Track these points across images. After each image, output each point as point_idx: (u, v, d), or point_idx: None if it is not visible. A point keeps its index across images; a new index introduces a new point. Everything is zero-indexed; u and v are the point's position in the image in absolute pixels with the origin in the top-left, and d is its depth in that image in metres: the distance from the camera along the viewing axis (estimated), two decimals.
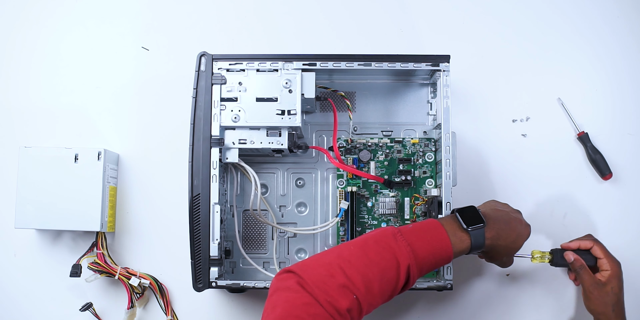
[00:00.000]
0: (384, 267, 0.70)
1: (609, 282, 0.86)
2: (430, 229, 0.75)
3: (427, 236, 0.74)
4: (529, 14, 1.04)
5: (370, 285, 0.69)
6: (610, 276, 0.87)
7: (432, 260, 0.74)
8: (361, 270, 0.69)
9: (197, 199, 0.86)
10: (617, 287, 0.86)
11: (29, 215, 0.94)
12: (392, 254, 0.71)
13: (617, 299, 0.86)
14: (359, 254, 0.70)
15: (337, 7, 1.05)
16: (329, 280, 0.67)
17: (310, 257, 0.73)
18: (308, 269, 0.69)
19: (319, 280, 0.67)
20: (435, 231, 0.75)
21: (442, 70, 0.88)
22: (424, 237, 0.74)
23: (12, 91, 1.04)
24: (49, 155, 0.95)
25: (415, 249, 0.72)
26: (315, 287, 0.67)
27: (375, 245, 0.71)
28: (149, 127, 1.03)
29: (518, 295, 0.99)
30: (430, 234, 0.75)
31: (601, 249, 0.89)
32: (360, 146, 0.96)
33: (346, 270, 0.68)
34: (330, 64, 0.88)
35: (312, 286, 0.67)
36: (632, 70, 1.03)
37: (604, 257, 0.88)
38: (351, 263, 0.69)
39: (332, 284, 0.67)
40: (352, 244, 0.73)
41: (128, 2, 1.05)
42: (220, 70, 0.88)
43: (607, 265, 0.87)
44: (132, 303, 0.97)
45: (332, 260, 0.70)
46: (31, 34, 1.05)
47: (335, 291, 0.67)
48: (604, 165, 0.99)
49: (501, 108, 1.02)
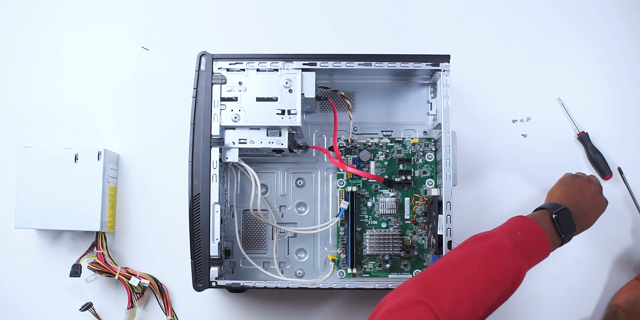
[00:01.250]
0: (506, 286, 0.72)
1: None
2: (537, 238, 0.77)
3: (535, 246, 0.76)
4: (529, 14, 1.04)
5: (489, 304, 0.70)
6: None
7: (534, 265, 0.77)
8: (487, 293, 0.69)
9: (197, 198, 0.86)
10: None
11: (29, 215, 0.94)
12: (515, 274, 0.72)
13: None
14: (485, 276, 0.70)
15: (337, 7, 1.05)
16: (459, 307, 0.66)
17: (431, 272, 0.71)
18: (439, 294, 0.66)
19: (451, 308, 0.65)
20: (542, 241, 0.77)
21: (442, 70, 0.88)
22: (534, 248, 0.76)
23: (12, 91, 1.04)
24: (49, 155, 0.95)
25: (529, 263, 0.75)
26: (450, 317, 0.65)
27: (498, 266, 0.71)
28: (149, 127, 1.03)
29: (518, 295, 0.99)
30: (538, 244, 0.76)
31: None
32: (360, 146, 0.96)
33: (475, 293, 0.68)
34: (330, 63, 0.88)
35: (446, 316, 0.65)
36: (632, 70, 1.03)
37: None
38: (479, 285, 0.69)
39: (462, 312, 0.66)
40: (475, 263, 0.71)
41: (128, 2, 1.05)
42: (220, 70, 0.88)
43: None
44: (132, 303, 0.97)
45: (462, 283, 0.68)
46: (31, 34, 1.05)
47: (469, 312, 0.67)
48: (604, 165, 0.99)
49: (501, 108, 1.02)
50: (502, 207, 1.00)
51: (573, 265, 0.99)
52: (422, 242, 0.95)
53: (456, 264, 0.72)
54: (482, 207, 1.00)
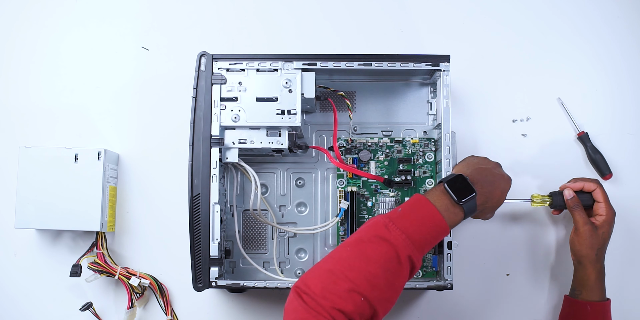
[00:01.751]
0: (385, 261, 0.69)
1: (602, 226, 0.88)
2: (421, 209, 0.74)
3: (419, 218, 0.73)
4: (529, 14, 1.04)
5: (376, 282, 0.68)
6: (604, 221, 0.88)
7: (430, 240, 0.73)
8: (363, 271, 0.68)
9: (197, 198, 0.86)
10: (607, 232, 0.88)
11: (29, 215, 0.94)
12: (389, 246, 0.70)
13: (603, 244, 0.88)
14: (357, 254, 0.69)
15: (337, 7, 1.05)
16: (333, 288, 0.66)
17: (315, 265, 0.71)
18: (311, 281, 0.68)
19: (324, 290, 0.66)
20: (426, 210, 0.73)
21: (442, 70, 0.88)
22: (416, 219, 0.72)
23: (12, 91, 1.04)
24: (49, 155, 0.95)
25: (410, 235, 0.71)
26: (321, 298, 0.66)
27: (370, 243, 0.70)
28: (149, 127, 1.03)
29: (518, 295, 0.99)
30: (422, 214, 0.73)
31: (602, 194, 0.90)
32: (360, 146, 0.96)
33: (348, 273, 0.67)
34: (330, 63, 0.88)
35: (317, 299, 0.66)
36: (632, 70, 1.03)
37: (603, 202, 0.89)
38: (351, 266, 0.68)
39: (338, 291, 0.66)
40: (348, 245, 0.71)
41: (128, 2, 1.05)
42: (220, 70, 0.88)
43: (604, 211, 0.89)
44: (132, 303, 0.97)
45: (333, 266, 0.69)
46: (31, 34, 1.05)
47: (341, 298, 0.66)
48: (604, 165, 0.99)
49: (501, 108, 1.02)
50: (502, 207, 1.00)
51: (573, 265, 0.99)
52: None
53: (335, 251, 0.72)
54: None
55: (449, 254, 0.85)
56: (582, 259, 0.88)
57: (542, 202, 0.92)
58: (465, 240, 0.99)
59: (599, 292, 0.88)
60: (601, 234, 0.88)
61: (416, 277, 0.94)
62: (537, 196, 0.92)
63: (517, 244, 1.00)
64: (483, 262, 1.00)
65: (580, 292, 0.89)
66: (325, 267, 0.69)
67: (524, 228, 1.00)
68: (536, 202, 0.92)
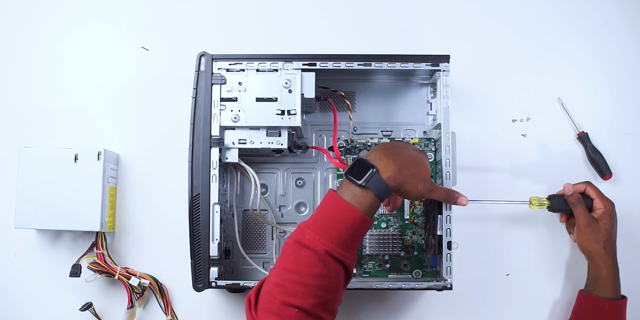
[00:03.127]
0: (308, 266, 0.69)
1: (602, 218, 0.89)
2: (330, 205, 0.72)
3: (330, 214, 0.71)
4: (529, 14, 1.04)
5: (305, 290, 0.68)
6: (603, 213, 0.89)
7: (351, 232, 0.71)
8: (290, 281, 0.69)
9: (197, 198, 0.86)
10: (609, 224, 0.89)
11: (29, 215, 0.94)
12: (308, 251, 0.69)
13: (609, 235, 0.89)
14: (283, 266, 0.70)
15: (337, 7, 1.05)
16: (268, 305, 0.69)
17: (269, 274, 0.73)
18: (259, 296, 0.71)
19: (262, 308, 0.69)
20: (333, 203, 0.72)
21: (442, 70, 0.88)
22: (327, 216, 0.71)
23: (12, 91, 1.04)
24: (49, 155, 0.95)
25: (325, 234, 0.70)
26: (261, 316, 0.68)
27: (291, 252, 0.71)
28: (149, 127, 1.03)
29: (518, 295, 0.99)
30: (333, 210, 0.72)
31: (594, 190, 0.91)
32: (360, 146, 0.96)
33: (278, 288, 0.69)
34: (330, 64, 0.88)
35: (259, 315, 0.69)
36: (632, 70, 1.03)
37: (597, 197, 0.90)
38: (279, 278, 0.69)
39: (272, 308, 0.68)
40: (279, 257, 0.72)
41: (128, 2, 1.05)
42: (220, 70, 0.88)
43: (601, 204, 0.90)
44: (132, 303, 0.97)
45: (269, 279, 0.71)
46: (31, 34, 1.05)
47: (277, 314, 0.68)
48: (604, 165, 0.99)
49: (501, 108, 1.02)
50: (502, 207, 1.00)
51: (573, 265, 1.00)
52: (422, 242, 0.95)
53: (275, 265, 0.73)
54: (481, 207, 1.00)
55: (449, 254, 0.85)
56: (591, 255, 0.89)
57: (541, 205, 0.92)
58: (465, 240, 0.99)
59: (612, 288, 0.88)
60: (603, 225, 0.88)
61: (416, 277, 0.94)
62: (536, 199, 0.92)
63: (517, 244, 1.00)
64: (483, 262, 1.00)
65: (594, 288, 0.89)
66: (266, 280, 0.72)
67: (523, 228, 1.00)
68: (534, 204, 0.92)
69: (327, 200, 0.73)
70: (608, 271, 0.88)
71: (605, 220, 0.89)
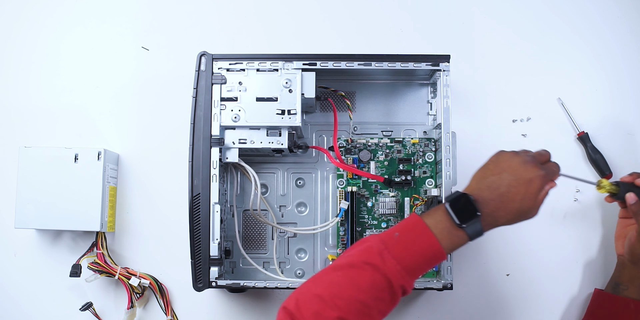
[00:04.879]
0: (377, 291, 0.67)
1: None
2: (418, 237, 0.70)
3: (415, 246, 0.70)
4: (529, 14, 1.04)
5: (366, 311, 0.67)
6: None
7: (425, 267, 0.71)
8: (354, 299, 0.66)
9: (197, 198, 0.86)
10: None
11: (29, 215, 0.94)
12: (382, 277, 0.68)
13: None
14: (348, 281, 0.67)
15: (337, 7, 1.05)
16: (322, 316, 0.65)
17: (306, 283, 0.70)
18: (302, 305, 0.66)
19: (314, 316, 0.65)
20: (423, 236, 0.70)
21: (442, 70, 0.88)
22: (412, 248, 0.70)
23: (12, 91, 1.04)
24: (49, 155, 0.95)
25: (405, 265, 0.68)
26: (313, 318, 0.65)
27: (363, 270, 0.68)
28: (149, 127, 1.03)
29: (518, 295, 0.99)
30: (419, 243, 0.70)
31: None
32: (360, 146, 0.96)
33: (337, 301, 0.66)
34: (330, 63, 0.88)
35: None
36: (632, 70, 1.03)
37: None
38: (342, 293, 0.66)
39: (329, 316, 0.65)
40: (340, 269, 0.69)
41: (128, 2, 1.05)
42: (220, 70, 0.88)
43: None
44: (132, 303, 0.97)
45: (323, 292, 0.67)
46: (31, 34, 1.05)
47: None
48: (604, 165, 0.99)
49: (501, 108, 1.02)
50: None
51: (573, 265, 0.99)
52: None
53: (326, 273, 0.69)
54: None
55: (449, 254, 0.85)
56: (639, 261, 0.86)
57: (610, 190, 0.86)
58: None
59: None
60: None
61: None
62: (606, 183, 0.86)
63: (517, 244, 1.00)
64: (483, 262, 1.00)
65: (627, 288, 0.86)
66: (316, 292, 0.67)
67: (524, 228, 1.00)
68: (604, 188, 0.86)
69: (415, 230, 0.71)
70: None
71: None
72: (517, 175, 0.73)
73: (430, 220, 0.71)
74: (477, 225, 0.71)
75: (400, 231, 0.71)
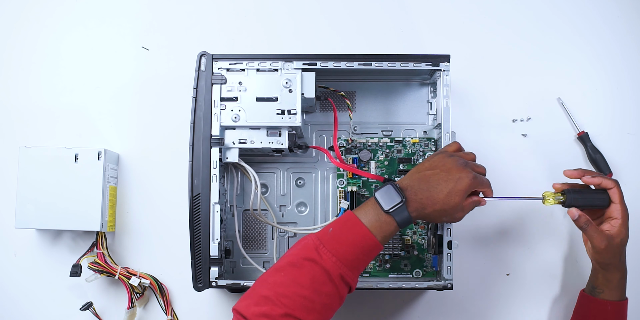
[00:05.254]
0: (319, 284, 0.70)
1: (619, 234, 0.82)
2: (350, 228, 0.74)
3: (349, 238, 0.73)
4: (529, 14, 1.04)
5: (311, 307, 0.69)
6: (620, 226, 0.83)
7: (363, 257, 0.73)
8: (298, 296, 0.69)
9: (197, 198, 0.86)
10: (625, 237, 0.83)
11: (29, 215, 0.94)
12: (321, 270, 0.70)
13: (623, 247, 0.84)
14: (290, 279, 0.70)
15: (337, 7, 1.05)
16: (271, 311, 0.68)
17: (253, 286, 0.73)
18: (251, 308, 0.69)
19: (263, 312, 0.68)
20: (355, 228, 0.73)
21: (442, 69, 0.88)
22: (346, 239, 0.73)
23: (12, 91, 1.04)
24: (49, 155, 0.95)
25: (341, 257, 0.71)
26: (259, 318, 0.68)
27: (302, 267, 0.71)
28: (149, 127, 1.03)
29: (518, 295, 0.99)
30: (352, 234, 0.73)
31: (619, 194, 0.84)
32: (360, 146, 0.96)
33: (283, 300, 0.69)
34: (330, 63, 0.88)
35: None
36: (632, 70, 1.03)
37: (619, 204, 0.83)
38: (285, 291, 0.69)
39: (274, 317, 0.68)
40: (281, 269, 0.72)
41: (128, 2, 1.05)
42: (220, 70, 0.88)
43: (619, 213, 0.83)
44: (132, 303, 0.97)
45: (269, 293, 0.70)
46: (31, 34, 1.05)
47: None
48: (604, 165, 0.99)
49: (501, 108, 1.02)
50: (502, 207, 1.00)
51: (573, 265, 1.00)
52: (422, 242, 0.95)
53: (270, 274, 0.72)
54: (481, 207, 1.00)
55: (449, 254, 0.85)
56: (607, 267, 0.85)
57: (554, 201, 0.84)
58: (465, 240, 0.99)
59: (620, 292, 0.87)
60: (620, 241, 0.83)
61: (416, 277, 0.94)
62: (550, 194, 0.85)
63: (517, 244, 1.00)
64: (483, 262, 1.00)
65: (602, 291, 0.87)
66: (262, 293, 0.70)
67: (524, 228, 1.00)
68: (549, 201, 0.85)
69: (347, 223, 0.74)
70: (620, 276, 0.86)
71: (622, 235, 0.83)
72: (448, 172, 0.77)
73: (360, 211, 0.75)
74: (404, 211, 0.74)
75: (333, 226, 0.74)
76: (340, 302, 0.73)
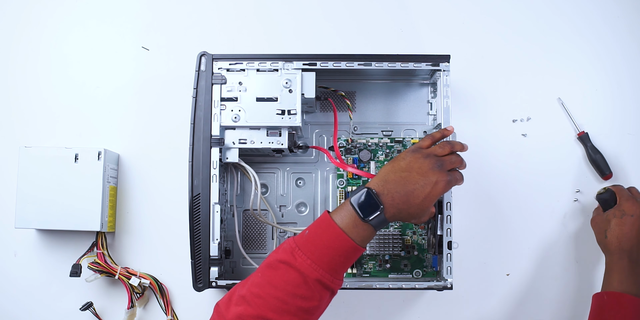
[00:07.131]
0: (293, 287, 0.70)
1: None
2: (326, 231, 0.73)
3: (324, 240, 0.72)
4: (529, 14, 1.04)
5: (285, 308, 0.69)
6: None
7: (342, 260, 0.72)
8: (271, 297, 0.69)
9: (197, 198, 0.86)
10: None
11: (29, 215, 0.94)
12: (296, 272, 0.70)
13: None
14: (265, 281, 0.71)
15: (337, 7, 1.05)
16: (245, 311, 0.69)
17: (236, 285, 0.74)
18: (230, 307, 0.70)
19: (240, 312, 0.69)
20: (332, 232, 0.72)
21: (442, 70, 0.88)
22: (321, 242, 0.72)
23: (12, 91, 1.04)
24: (49, 155, 0.95)
25: (316, 259, 0.71)
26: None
27: (277, 269, 0.71)
28: (149, 127, 1.03)
29: (518, 295, 0.99)
30: (328, 237, 0.72)
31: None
32: (360, 146, 0.96)
33: (257, 300, 0.69)
34: (330, 64, 0.88)
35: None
36: (632, 70, 1.03)
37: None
38: (260, 293, 0.70)
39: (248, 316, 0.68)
40: (260, 270, 0.73)
41: (128, 2, 1.05)
42: (221, 70, 0.88)
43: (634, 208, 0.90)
44: (132, 303, 0.97)
45: (246, 293, 0.70)
46: (31, 34, 1.05)
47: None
48: (604, 165, 0.99)
49: (501, 108, 1.02)
50: (502, 207, 1.00)
51: (573, 265, 1.00)
52: (422, 242, 0.95)
53: (252, 274, 0.73)
54: (482, 207, 1.00)
55: (449, 254, 0.85)
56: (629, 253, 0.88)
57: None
58: (465, 240, 0.99)
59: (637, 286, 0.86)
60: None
61: (416, 277, 0.94)
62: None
63: (517, 244, 1.00)
64: (483, 262, 1.00)
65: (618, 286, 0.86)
66: (241, 293, 0.71)
67: (524, 228, 1.00)
68: None
69: (322, 225, 0.74)
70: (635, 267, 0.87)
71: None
72: (425, 175, 0.76)
73: (336, 216, 0.74)
74: (381, 217, 0.74)
75: (310, 229, 0.74)
76: (320, 306, 0.72)
